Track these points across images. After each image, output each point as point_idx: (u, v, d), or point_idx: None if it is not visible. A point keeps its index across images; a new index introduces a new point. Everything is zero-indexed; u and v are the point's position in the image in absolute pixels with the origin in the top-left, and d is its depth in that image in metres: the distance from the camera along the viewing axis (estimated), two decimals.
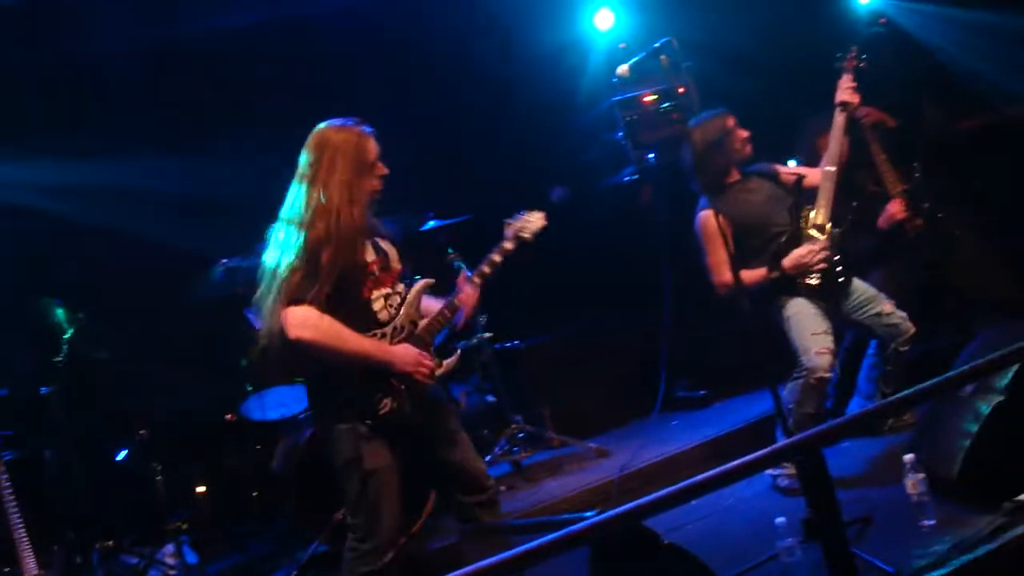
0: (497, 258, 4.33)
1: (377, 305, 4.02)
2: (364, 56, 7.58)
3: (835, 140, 5.63)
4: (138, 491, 6.29)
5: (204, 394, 6.75)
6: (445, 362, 4.13)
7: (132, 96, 6.97)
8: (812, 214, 5.49)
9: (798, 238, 5.47)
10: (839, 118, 5.68)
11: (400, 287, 4.15)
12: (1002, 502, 3.92)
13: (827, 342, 5.33)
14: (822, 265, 5.38)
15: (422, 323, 4.14)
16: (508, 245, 4.36)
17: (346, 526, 4.06)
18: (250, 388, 6.13)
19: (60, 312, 6.08)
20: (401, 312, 4.09)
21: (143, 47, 6.96)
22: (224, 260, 6.08)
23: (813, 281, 5.40)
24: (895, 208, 6.05)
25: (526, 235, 4.41)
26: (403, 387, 3.97)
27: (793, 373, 5.34)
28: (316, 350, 3.81)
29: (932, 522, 4.07)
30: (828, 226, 5.47)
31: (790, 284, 5.42)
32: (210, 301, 6.28)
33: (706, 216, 5.53)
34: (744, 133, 5.68)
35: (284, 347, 3.84)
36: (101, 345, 6.18)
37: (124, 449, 6.40)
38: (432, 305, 4.24)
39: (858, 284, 5.59)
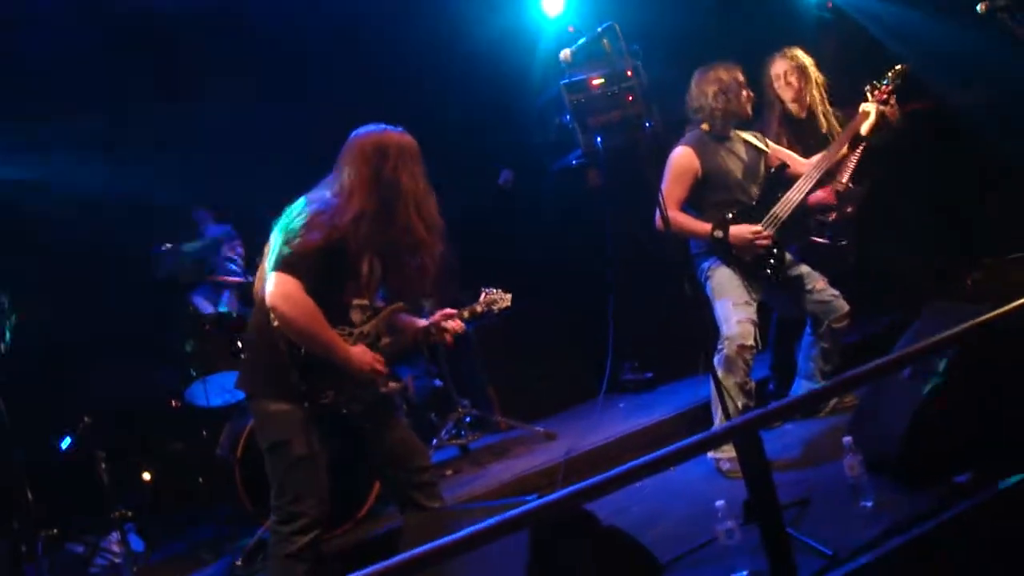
0: (466, 314, 4.46)
1: (352, 311, 4.11)
2: (310, 38, 7.49)
3: (836, 151, 5.71)
4: (82, 479, 6.22)
5: (149, 380, 6.69)
6: (391, 383, 4.20)
7: (76, 72, 6.81)
8: (777, 207, 5.52)
9: (755, 216, 5.50)
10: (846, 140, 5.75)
11: (377, 303, 4.25)
12: (938, 484, 3.99)
13: (748, 312, 5.40)
14: (761, 251, 5.43)
15: (385, 339, 4.21)
16: (479, 308, 4.52)
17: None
18: (195, 374, 6.07)
19: (3, 300, 6.00)
20: (370, 323, 4.16)
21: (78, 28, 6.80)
22: (167, 244, 6.00)
23: (746, 257, 5.44)
24: (827, 194, 6.02)
25: (495, 309, 4.57)
26: (349, 385, 4.01)
27: (717, 344, 5.39)
28: (286, 324, 3.84)
29: (870, 503, 4.12)
30: (783, 220, 5.51)
31: (723, 250, 5.46)
32: (154, 285, 6.21)
33: (684, 152, 5.59)
34: (751, 93, 5.72)
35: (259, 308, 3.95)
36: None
37: (68, 437, 6.32)
38: (403, 324, 4.34)
39: (790, 261, 5.65)
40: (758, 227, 5.43)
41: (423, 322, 4.36)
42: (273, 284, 3.83)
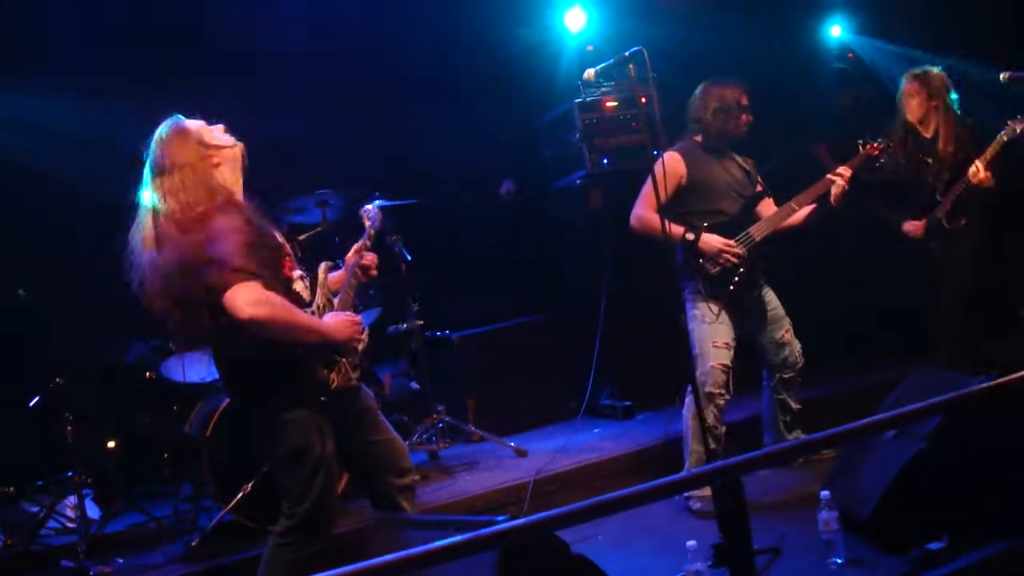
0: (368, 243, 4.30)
1: (297, 286, 3.94)
2: (330, 37, 7.42)
3: (809, 195, 5.60)
4: (46, 439, 6.12)
5: (126, 349, 6.60)
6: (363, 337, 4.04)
7: (64, 33, 6.72)
8: (752, 228, 5.51)
9: (730, 232, 5.46)
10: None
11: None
12: (911, 549, 3.95)
13: (725, 358, 5.39)
14: (729, 263, 5.39)
15: (336, 301, 4.07)
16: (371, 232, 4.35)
17: (282, 514, 3.89)
18: (173, 348, 5.99)
19: None
20: (317, 293, 4.02)
21: None
22: None
23: (712, 269, 5.41)
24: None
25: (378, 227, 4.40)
26: (340, 359, 3.90)
27: (687, 386, 5.32)
28: (270, 328, 3.63)
29: (840, 560, 4.09)
30: (756, 242, 5.48)
31: (692, 260, 5.43)
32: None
33: (672, 156, 5.58)
34: (750, 117, 5.70)
35: (228, 331, 3.69)
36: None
37: (37, 396, 6.22)
38: (338, 279, 4.18)
39: (773, 299, 5.69)
40: (731, 240, 5.42)
41: (342, 273, 4.20)
42: (237, 297, 3.56)
